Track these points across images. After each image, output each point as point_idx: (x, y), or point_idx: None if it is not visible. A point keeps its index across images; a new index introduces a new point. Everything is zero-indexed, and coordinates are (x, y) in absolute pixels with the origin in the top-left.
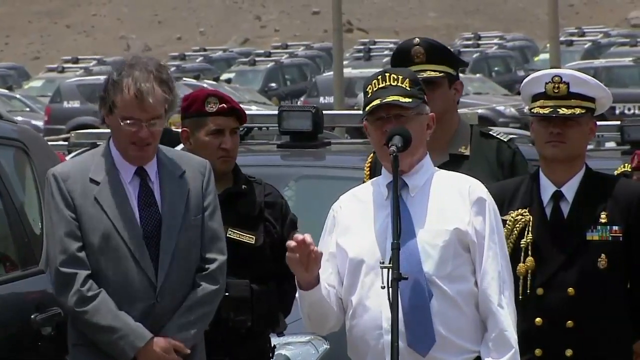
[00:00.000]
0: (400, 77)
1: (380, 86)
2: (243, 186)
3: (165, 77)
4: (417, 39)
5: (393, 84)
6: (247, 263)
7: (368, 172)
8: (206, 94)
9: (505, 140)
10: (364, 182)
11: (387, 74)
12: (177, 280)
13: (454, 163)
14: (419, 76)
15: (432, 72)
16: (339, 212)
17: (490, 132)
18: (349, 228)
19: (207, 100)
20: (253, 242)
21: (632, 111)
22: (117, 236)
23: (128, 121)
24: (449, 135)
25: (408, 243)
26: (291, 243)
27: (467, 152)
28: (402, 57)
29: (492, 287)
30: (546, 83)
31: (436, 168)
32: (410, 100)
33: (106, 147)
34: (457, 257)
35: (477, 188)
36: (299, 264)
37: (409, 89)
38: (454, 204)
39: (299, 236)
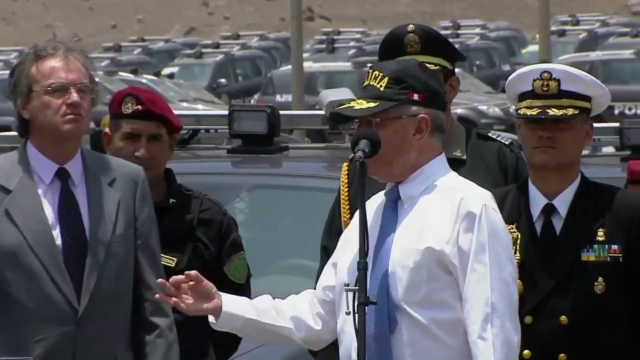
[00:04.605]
0: (381, 74)
1: (363, 84)
2: (171, 200)
3: (82, 54)
4: (411, 26)
5: (372, 83)
6: None
7: (346, 181)
8: (125, 93)
9: (507, 143)
10: (340, 192)
11: (371, 70)
12: (106, 302)
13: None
14: None
15: (427, 65)
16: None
17: (489, 135)
18: (347, 241)
19: (125, 99)
20: (173, 266)
21: (633, 111)
22: (30, 252)
23: (54, 85)
24: None
25: (382, 264)
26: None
27: (464, 156)
28: (392, 46)
29: (472, 316)
30: (534, 80)
31: (449, 174)
32: (374, 104)
33: (22, 148)
34: (433, 280)
35: (470, 201)
36: (194, 302)
37: (383, 89)
38: (438, 219)
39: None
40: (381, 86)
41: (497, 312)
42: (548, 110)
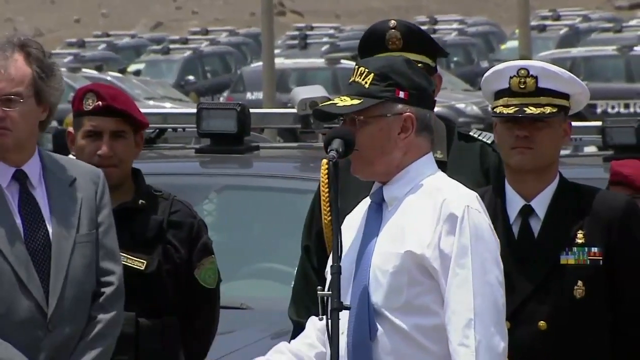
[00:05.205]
0: (367, 70)
1: (349, 80)
2: (140, 201)
3: (36, 52)
4: (393, 22)
5: (357, 79)
6: (135, 293)
7: (326, 181)
8: (86, 89)
9: (489, 142)
10: (319, 194)
11: (357, 66)
12: (73, 305)
13: None
14: None
15: None
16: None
17: (471, 134)
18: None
19: (85, 96)
20: (142, 268)
21: (616, 109)
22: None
23: None
24: None
25: (363, 268)
26: None
27: (444, 158)
28: (373, 42)
29: (453, 322)
30: (511, 77)
31: (436, 174)
32: (358, 102)
33: None
34: (414, 285)
35: (452, 203)
36: None
37: (368, 86)
38: (420, 221)
39: None
40: (366, 83)
41: (480, 317)
42: (525, 109)
